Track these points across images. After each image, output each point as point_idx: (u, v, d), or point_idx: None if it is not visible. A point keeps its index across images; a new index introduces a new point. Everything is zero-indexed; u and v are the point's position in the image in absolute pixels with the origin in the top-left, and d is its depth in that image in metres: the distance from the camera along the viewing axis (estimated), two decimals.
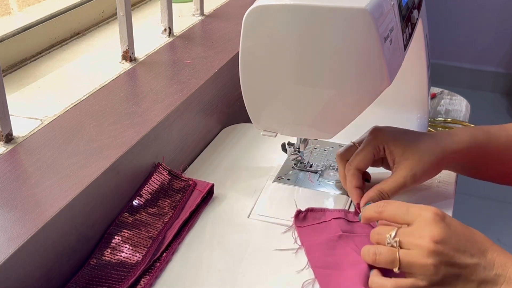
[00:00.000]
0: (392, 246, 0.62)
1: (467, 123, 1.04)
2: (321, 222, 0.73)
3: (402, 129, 0.79)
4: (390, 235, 0.63)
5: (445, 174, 0.84)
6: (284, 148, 0.83)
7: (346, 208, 0.77)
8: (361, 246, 0.66)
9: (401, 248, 0.62)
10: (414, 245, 0.61)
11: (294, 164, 0.84)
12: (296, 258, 0.69)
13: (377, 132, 0.78)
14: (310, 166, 0.84)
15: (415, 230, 0.62)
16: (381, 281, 0.63)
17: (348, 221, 0.73)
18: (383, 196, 0.73)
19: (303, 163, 0.84)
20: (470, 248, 0.61)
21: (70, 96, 0.82)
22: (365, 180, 0.77)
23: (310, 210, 0.74)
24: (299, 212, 0.74)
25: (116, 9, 0.89)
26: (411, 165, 0.74)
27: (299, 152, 0.82)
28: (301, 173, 0.84)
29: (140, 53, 0.96)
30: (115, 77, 0.89)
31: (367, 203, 0.73)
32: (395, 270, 0.62)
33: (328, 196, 0.79)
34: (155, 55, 0.97)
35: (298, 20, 0.64)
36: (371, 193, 0.74)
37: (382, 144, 0.76)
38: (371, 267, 0.65)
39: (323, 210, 0.75)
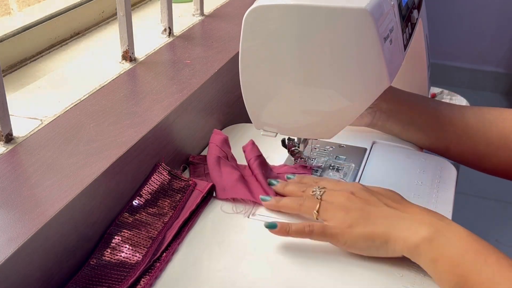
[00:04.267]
0: (315, 195, 0.71)
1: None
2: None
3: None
4: (318, 187, 0.72)
5: (445, 174, 0.84)
6: (284, 144, 0.83)
7: None
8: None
9: (321, 200, 0.70)
10: (334, 195, 0.70)
11: (294, 160, 0.84)
12: (296, 258, 0.69)
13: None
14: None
15: (339, 187, 0.72)
16: (297, 225, 0.69)
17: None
18: None
19: (303, 158, 0.84)
20: (383, 200, 0.69)
21: (70, 96, 0.82)
22: None
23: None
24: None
25: (116, 9, 0.89)
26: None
27: (299, 147, 0.82)
28: None
29: (140, 53, 0.96)
30: (115, 77, 0.89)
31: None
32: (314, 216, 0.69)
33: None
34: (155, 55, 0.97)
35: (298, 20, 0.64)
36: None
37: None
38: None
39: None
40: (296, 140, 0.82)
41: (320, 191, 0.71)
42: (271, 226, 0.69)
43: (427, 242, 0.63)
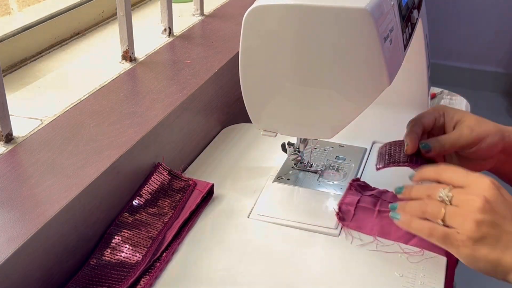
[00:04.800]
0: (442, 201, 0.64)
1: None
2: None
3: None
4: (443, 189, 0.64)
5: None
6: (284, 148, 0.83)
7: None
8: None
9: (450, 204, 0.63)
10: (465, 201, 0.63)
11: (294, 164, 0.84)
12: (296, 258, 0.69)
13: (439, 105, 0.81)
14: (310, 166, 0.84)
15: (470, 190, 0.64)
16: (420, 222, 0.65)
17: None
18: (440, 143, 0.75)
19: (303, 163, 0.84)
20: None
21: (70, 96, 0.82)
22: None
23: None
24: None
25: (116, 9, 0.89)
26: (469, 124, 0.76)
27: (299, 152, 0.82)
28: (301, 173, 0.84)
29: (140, 53, 0.96)
30: (115, 77, 0.89)
31: (423, 144, 0.75)
32: (439, 221, 0.63)
33: (328, 196, 0.79)
34: (155, 55, 0.97)
35: (298, 20, 0.64)
36: (430, 140, 0.75)
37: (442, 110, 0.79)
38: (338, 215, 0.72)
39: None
40: (295, 145, 0.82)
41: (447, 196, 0.64)
42: (393, 217, 0.68)
43: None
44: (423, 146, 0.74)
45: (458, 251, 0.63)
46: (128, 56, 0.93)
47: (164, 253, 0.68)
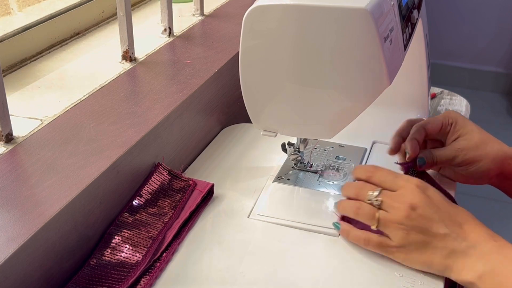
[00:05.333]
0: (372, 204, 0.68)
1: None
2: None
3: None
4: (373, 193, 0.68)
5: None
6: (284, 148, 0.83)
7: None
8: None
9: (380, 208, 0.67)
10: (392, 207, 0.66)
11: (294, 164, 0.84)
12: (296, 258, 0.69)
13: (451, 111, 0.81)
14: (310, 166, 0.84)
15: (397, 195, 0.67)
16: (356, 232, 0.69)
17: None
18: (432, 156, 0.77)
19: (303, 163, 0.84)
20: (445, 219, 0.65)
21: (70, 96, 0.82)
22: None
23: None
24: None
25: (116, 9, 0.89)
26: (469, 144, 0.77)
27: (299, 152, 0.82)
28: (301, 173, 0.84)
29: (140, 53, 0.96)
30: (115, 77, 0.89)
31: (419, 158, 0.77)
32: (373, 227, 0.67)
33: (328, 196, 0.79)
34: (155, 55, 0.97)
35: (298, 20, 0.64)
36: (424, 152, 0.77)
37: (452, 118, 0.79)
38: (344, 218, 0.72)
39: None
40: (296, 145, 0.82)
41: (377, 201, 0.67)
42: (336, 227, 0.72)
43: (481, 280, 0.62)
44: (419, 161, 0.76)
45: (393, 256, 0.67)
46: (128, 56, 0.93)
47: (164, 253, 0.68)
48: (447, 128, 0.79)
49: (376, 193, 0.68)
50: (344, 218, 0.73)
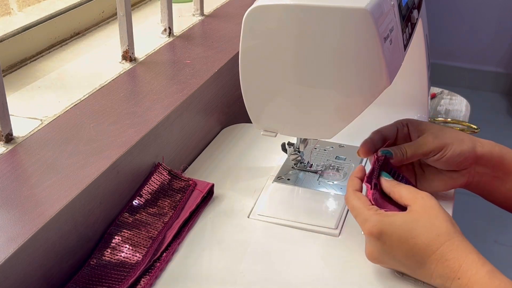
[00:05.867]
0: None
1: (467, 123, 1.04)
2: None
3: None
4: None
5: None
6: (284, 148, 0.83)
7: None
8: None
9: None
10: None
11: (294, 164, 0.84)
12: (296, 258, 0.69)
13: (403, 119, 0.79)
14: (310, 166, 0.84)
15: (361, 223, 0.66)
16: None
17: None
18: (401, 150, 0.74)
19: (303, 163, 0.84)
20: (405, 262, 0.64)
21: (70, 96, 0.82)
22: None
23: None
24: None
25: (116, 9, 0.89)
26: (433, 131, 0.75)
27: (299, 152, 0.82)
28: (301, 173, 0.84)
29: (140, 53, 0.96)
30: (115, 77, 0.89)
31: (382, 173, 0.72)
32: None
33: (328, 196, 0.79)
34: (155, 55, 0.97)
35: (298, 20, 0.64)
36: (393, 148, 0.74)
37: (406, 121, 0.78)
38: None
39: None
40: (296, 145, 0.82)
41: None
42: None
43: None
44: (385, 152, 0.73)
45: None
46: (128, 56, 0.93)
47: (164, 253, 0.68)
48: (404, 130, 0.77)
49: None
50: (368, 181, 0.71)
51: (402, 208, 0.67)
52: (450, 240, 0.62)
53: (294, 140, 0.83)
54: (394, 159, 0.73)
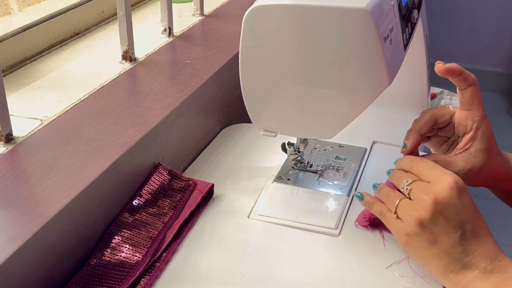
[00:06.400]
0: (403, 192, 0.67)
1: None
2: None
3: None
4: (407, 181, 0.67)
5: None
6: (284, 148, 0.83)
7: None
8: None
9: (410, 198, 0.66)
10: (417, 197, 0.65)
11: (294, 164, 0.84)
12: (296, 258, 0.69)
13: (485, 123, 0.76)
14: (310, 166, 0.84)
15: (427, 186, 0.65)
16: (377, 206, 0.69)
17: None
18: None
19: (303, 163, 0.84)
20: (464, 226, 0.64)
21: (70, 96, 0.82)
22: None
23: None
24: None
25: (116, 9, 0.89)
26: (484, 155, 0.73)
27: (299, 152, 0.82)
28: (301, 173, 0.84)
29: (140, 53, 0.96)
30: (115, 77, 0.89)
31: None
32: (392, 212, 0.67)
33: (328, 196, 0.79)
34: (155, 55, 0.97)
35: (298, 20, 0.64)
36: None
37: (483, 125, 0.74)
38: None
39: None
40: (296, 145, 0.82)
41: (407, 189, 0.67)
42: (358, 197, 0.72)
43: None
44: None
45: (398, 239, 0.67)
46: (128, 56, 0.93)
47: (164, 253, 0.68)
48: (473, 126, 0.75)
49: (409, 181, 0.67)
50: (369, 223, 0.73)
51: None
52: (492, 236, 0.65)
53: (294, 140, 0.83)
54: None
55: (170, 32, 1.04)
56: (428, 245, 0.64)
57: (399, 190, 0.68)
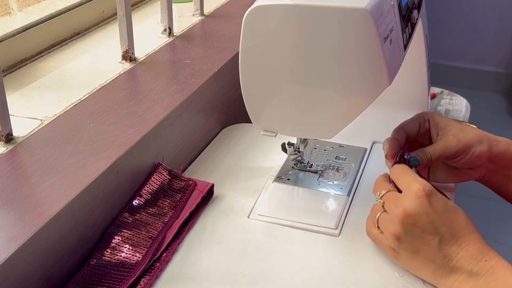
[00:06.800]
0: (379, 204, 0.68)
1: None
2: None
3: None
4: (380, 193, 0.68)
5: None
6: (284, 148, 0.83)
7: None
8: None
9: (384, 210, 0.67)
10: (390, 210, 0.66)
11: (294, 164, 0.84)
12: (296, 258, 0.69)
13: (425, 111, 0.80)
14: (310, 166, 0.84)
15: (398, 197, 0.66)
16: (368, 220, 0.70)
17: None
18: (426, 155, 0.74)
19: (303, 163, 0.84)
20: (441, 231, 0.63)
21: (70, 96, 0.82)
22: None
23: None
24: None
25: (116, 9, 0.89)
26: (454, 132, 0.75)
27: (299, 152, 0.82)
28: (301, 173, 0.84)
29: (140, 53, 0.96)
30: (115, 77, 0.89)
31: (412, 158, 0.74)
32: (376, 230, 0.68)
33: (328, 196, 0.79)
34: (155, 55, 0.97)
35: (298, 20, 0.64)
36: (416, 152, 0.75)
37: (427, 115, 0.78)
38: None
39: None
40: (296, 145, 0.82)
41: (379, 202, 0.68)
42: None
43: None
44: (412, 160, 0.74)
45: (387, 253, 0.68)
46: (128, 56, 0.93)
47: (164, 253, 0.68)
48: (425, 125, 0.78)
49: (383, 192, 0.67)
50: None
51: None
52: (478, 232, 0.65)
53: (294, 140, 0.83)
54: (420, 165, 0.74)
55: (170, 32, 1.04)
56: (412, 255, 0.65)
57: None
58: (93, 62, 0.94)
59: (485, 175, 0.78)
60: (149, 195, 0.75)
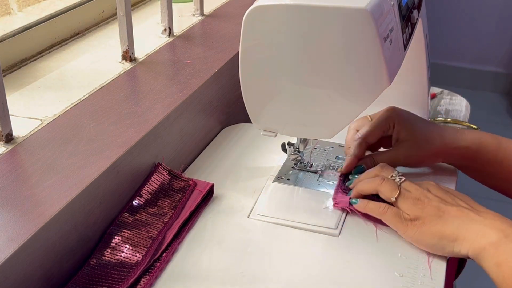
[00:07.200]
0: (395, 180, 0.72)
1: (467, 123, 1.04)
2: None
3: (416, 116, 0.84)
4: (397, 172, 0.73)
5: (445, 174, 0.84)
6: (284, 148, 0.83)
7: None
8: None
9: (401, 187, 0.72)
10: (412, 186, 0.71)
11: (294, 164, 0.84)
12: (296, 258, 0.69)
13: (392, 111, 0.82)
14: (310, 166, 0.84)
15: (415, 183, 0.72)
16: (373, 204, 0.73)
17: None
18: (373, 162, 0.79)
19: (303, 163, 0.84)
20: (459, 200, 0.69)
21: (70, 96, 0.82)
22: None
23: None
24: None
25: (116, 9, 0.89)
26: (408, 146, 0.80)
27: (299, 152, 0.82)
28: (301, 173, 0.84)
29: (140, 53, 0.96)
30: (115, 77, 0.89)
31: (359, 166, 0.80)
32: (392, 199, 0.71)
33: (328, 196, 0.79)
34: (155, 55, 0.97)
35: (298, 20, 0.64)
36: (365, 159, 0.80)
37: (393, 121, 0.81)
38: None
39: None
40: (295, 145, 0.82)
41: (399, 179, 0.72)
42: (353, 203, 0.75)
43: (493, 247, 0.63)
44: (357, 169, 0.79)
45: (406, 231, 0.70)
46: (128, 56, 0.93)
47: (164, 253, 0.68)
48: (389, 130, 0.82)
49: (399, 173, 0.73)
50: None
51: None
52: None
53: (294, 140, 0.83)
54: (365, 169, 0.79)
55: (170, 32, 1.04)
56: (437, 219, 0.68)
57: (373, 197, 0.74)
58: (93, 62, 0.94)
59: (461, 168, 0.84)
60: (149, 195, 0.75)
